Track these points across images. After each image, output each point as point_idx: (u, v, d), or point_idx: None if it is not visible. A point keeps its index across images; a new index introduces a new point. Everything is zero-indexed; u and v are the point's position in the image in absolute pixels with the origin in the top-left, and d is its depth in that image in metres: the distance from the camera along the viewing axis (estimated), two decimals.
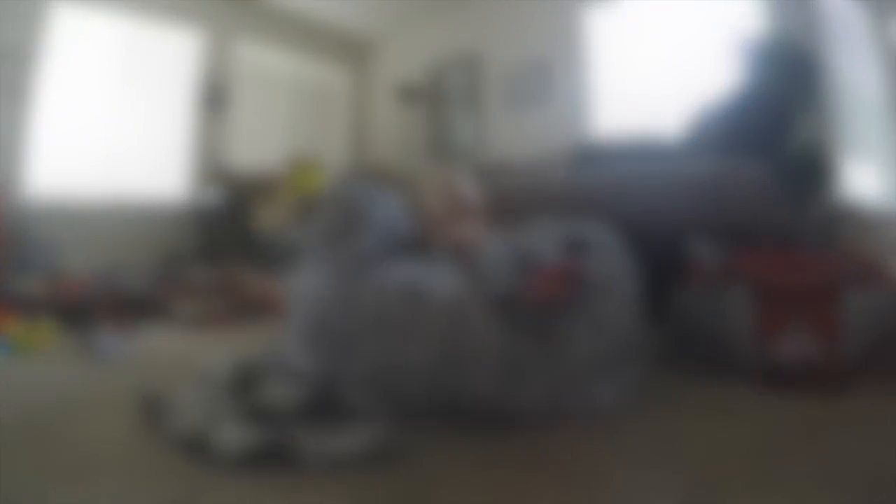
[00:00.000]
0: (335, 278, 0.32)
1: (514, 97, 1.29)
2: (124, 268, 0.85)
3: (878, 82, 0.65)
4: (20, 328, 0.51)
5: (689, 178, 0.47)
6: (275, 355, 0.33)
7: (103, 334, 0.51)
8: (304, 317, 0.32)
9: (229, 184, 1.22)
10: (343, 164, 1.57)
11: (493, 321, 0.30)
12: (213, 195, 1.20)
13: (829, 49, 0.63)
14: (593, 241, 0.33)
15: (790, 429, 0.29)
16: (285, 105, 1.50)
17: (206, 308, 0.67)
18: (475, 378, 0.29)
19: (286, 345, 0.33)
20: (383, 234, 0.34)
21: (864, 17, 0.64)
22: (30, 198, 0.99)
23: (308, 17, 1.49)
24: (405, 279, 0.31)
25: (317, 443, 0.25)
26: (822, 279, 0.38)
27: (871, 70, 0.64)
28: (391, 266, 0.32)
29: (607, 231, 0.34)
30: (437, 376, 0.29)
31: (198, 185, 1.25)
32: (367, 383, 0.29)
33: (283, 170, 1.23)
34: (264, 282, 0.74)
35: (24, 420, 0.30)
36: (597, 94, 1.15)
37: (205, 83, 1.31)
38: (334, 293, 0.31)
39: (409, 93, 1.49)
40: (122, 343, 0.50)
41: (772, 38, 0.64)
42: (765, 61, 0.59)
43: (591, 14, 1.16)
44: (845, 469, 0.24)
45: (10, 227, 0.87)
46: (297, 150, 1.37)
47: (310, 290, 0.33)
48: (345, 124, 1.64)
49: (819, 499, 0.21)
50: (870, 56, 0.64)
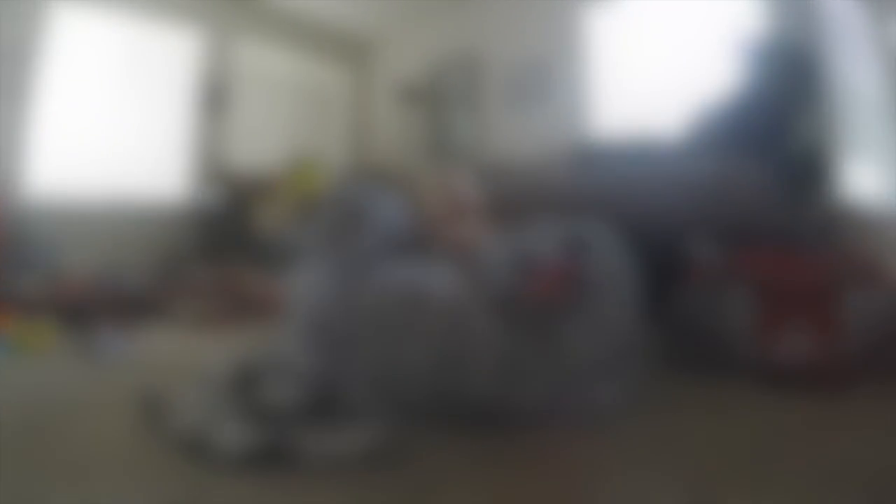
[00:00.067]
0: (335, 278, 0.32)
1: (513, 97, 1.29)
2: (124, 268, 0.85)
3: (878, 82, 0.65)
4: (20, 328, 0.51)
5: (689, 178, 0.47)
6: (275, 355, 0.33)
7: (103, 334, 0.51)
8: (305, 317, 0.32)
9: (229, 184, 1.22)
10: (343, 165, 1.57)
11: (493, 321, 0.30)
12: (213, 195, 1.20)
13: (829, 49, 0.63)
14: (593, 242, 0.33)
15: (790, 429, 0.29)
16: (285, 105, 1.50)
17: (206, 308, 0.67)
18: (475, 378, 0.29)
19: (286, 345, 0.33)
20: (383, 234, 0.34)
21: (864, 17, 0.64)
22: (30, 198, 0.99)
23: (308, 16, 1.49)
24: (405, 279, 0.31)
25: (317, 443, 0.25)
26: (822, 279, 0.38)
27: (871, 70, 0.64)
28: (391, 266, 0.32)
29: (607, 231, 0.34)
30: (437, 376, 0.30)
31: (198, 186, 1.25)
32: (367, 383, 0.29)
33: (283, 170, 1.23)
34: (264, 282, 0.74)
35: (24, 420, 0.30)
36: (597, 94, 1.15)
37: (205, 83, 1.31)
38: (334, 293, 0.31)
39: (409, 93, 1.49)
40: (122, 343, 0.50)
41: (772, 38, 0.64)
42: (765, 61, 0.59)
43: (590, 14, 1.17)
44: (845, 469, 0.24)
45: (9, 227, 0.87)
46: (297, 151, 1.37)
47: (310, 290, 0.33)
48: (345, 124, 1.64)
49: (819, 499, 0.21)
50: (870, 56, 0.64)
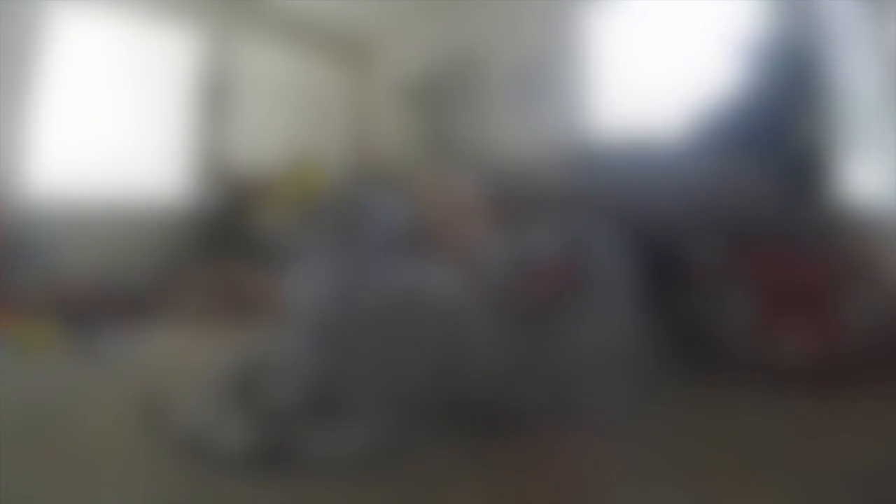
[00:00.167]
0: (335, 278, 0.32)
1: (514, 96, 1.29)
2: (124, 268, 0.85)
3: (878, 82, 0.65)
4: (19, 328, 0.51)
5: (689, 177, 0.47)
6: (275, 355, 0.33)
7: (103, 334, 0.51)
8: (305, 317, 0.32)
9: (229, 184, 1.23)
10: (343, 165, 1.57)
11: (493, 321, 0.30)
12: (214, 195, 1.21)
13: (830, 49, 0.62)
14: (593, 242, 0.33)
15: (790, 429, 0.29)
16: (285, 105, 1.51)
17: (206, 308, 0.67)
18: (475, 378, 0.29)
19: (286, 345, 0.33)
20: (384, 234, 0.34)
21: (864, 16, 0.64)
22: (29, 197, 0.99)
23: (308, 16, 1.50)
24: (405, 279, 0.31)
25: (317, 442, 0.25)
26: (822, 279, 0.38)
27: (872, 70, 0.64)
28: (391, 266, 0.32)
29: (607, 231, 0.34)
30: (437, 376, 0.30)
31: (198, 186, 1.26)
32: (367, 383, 0.29)
33: (283, 170, 1.23)
34: (264, 282, 0.74)
35: (24, 420, 0.30)
36: (597, 94, 1.16)
37: (205, 83, 1.31)
38: (335, 293, 0.32)
39: (411, 93, 1.50)
40: (122, 343, 0.50)
41: (771, 38, 0.64)
42: (765, 61, 0.59)
43: (591, 13, 1.17)
44: (845, 469, 0.24)
45: (9, 227, 0.88)
46: (297, 151, 1.37)
47: (310, 290, 0.33)
48: (345, 124, 1.64)
49: (819, 499, 0.21)
50: (870, 56, 0.64)
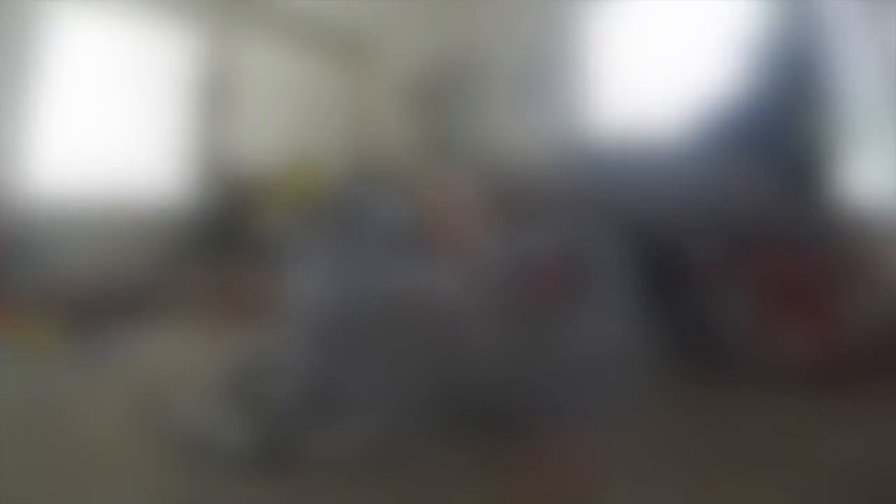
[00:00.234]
0: (335, 279, 0.32)
1: (514, 95, 1.30)
2: (124, 268, 0.85)
3: (878, 82, 0.65)
4: (20, 328, 0.51)
5: (690, 178, 0.47)
6: (275, 355, 0.33)
7: (103, 334, 0.51)
8: (305, 317, 0.32)
9: (229, 184, 1.23)
10: (343, 165, 1.57)
11: (493, 322, 0.30)
12: (214, 195, 1.21)
13: (830, 49, 0.63)
14: (593, 242, 0.33)
15: (790, 429, 0.29)
16: (286, 105, 1.51)
17: (206, 308, 0.67)
18: (476, 379, 0.29)
19: (286, 345, 0.33)
20: (384, 234, 0.34)
21: (864, 16, 0.65)
22: (28, 197, 0.99)
23: (309, 15, 1.50)
24: (405, 280, 0.31)
25: (317, 442, 0.25)
26: (823, 279, 0.38)
27: (872, 70, 0.64)
28: (392, 266, 0.32)
29: (607, 231, 0.34)
30: (437, 377, 0.30)
31: (198, 186, 1.26)
32: (367, 383, 0.29)
33: (283, 170, 1.24)
34: (264, 282, 0.74)
35: (23, 420, 0.30)
36: (597, 94, 1.16)
37: (205, 83, 1.31)
38: (334, 294, 0.32)
39: (409, 92, 1.50)
40: (122, 343, 0.50)
41: (772, 38, 0.64)
42: (765, 61, 0.59)
43: (591, 12, 1.17)
44: (845, 469, 0.24)
45: (8, 227, 0.88)
46: (298, 150, 1.37)
47: (310, 290, 0.33)
48: (345, 124, 1.65)
49: (819, 498, 0.21)
50: (870, 55, 0.64)
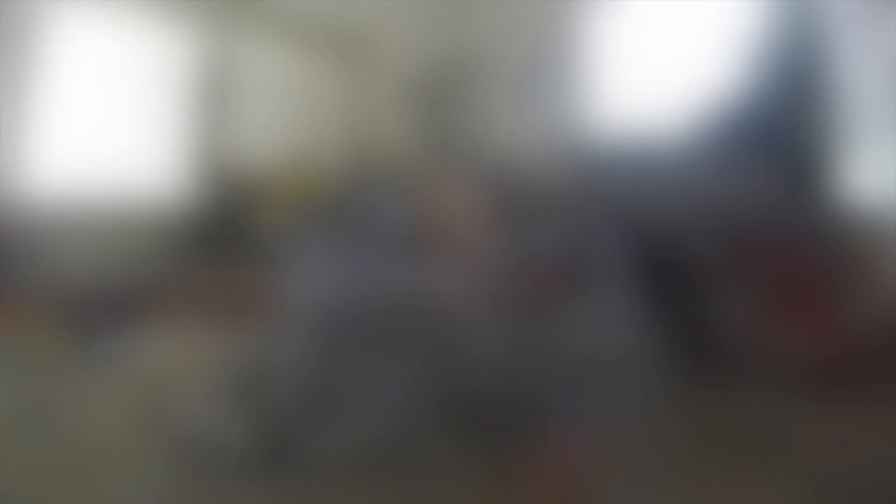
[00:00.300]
0: (336, 279, 0.32)
1: (514, 94, 1.29)
2: (125, 268, 0.85)
3: (879, 83, 0.65)
4: (19, 327, 0.51)
5: (691, 177, 0.47)
6: (275, 355, 0.33)
7: (103, 334, 0.51)
8: (305, 317, 0.32)
9: (230, 184, 1.23)
10: (343, 164, 1.57)
11: (494, 322, 0.30)
12: (214, 196, 1.21)
13: (831, 49, 0.63)
14: (595, 241, 0.33)
15: (790, 429, 0.29)
16: (285, 105, 1.51)
17: (206, 308, 0.67)
18: (476, 378, 0.29)
19: (287, 345, 0.33)
20: (384, 234, 0.34)
21: (865, 17, 0.64)
22: (28, 197, 0.99)
23: (308, 15, 1.50)
24: (406, 279, 0.31)
25: (317, 442, 0.25)
26: (824, 278, 0.38)
27: (873, 70, 0.64)
28: (392, 267, 0.32)
29: (609, 230, 0.34)
30: (438, 377, 0.30)
31: (198, 186, 1.25)
32: (368, 383, 0.29)
33: (283, 170, 1.23)
34: (265, 282, 0.74)
35: (23, 419, 0.30)
36: (598, 92, 1.16)
37: (205, 83, 1.31)
38: (335, 294, 0.32)
39: (409, 90, 1.50)
40: (122, 343, 0.50)
41: (774, 38, 0.64)
42: (767, 61, 0.59)
43: (592, 11, 1.17)
44: (845, 468, 0.24)
45: (8, 227, 0.87)
46: (297, 150, 1.37)
47: (310, 290, 0.33)
48: (345, 123, 1.65)
49: (819, 498, 0.21)
50: (871, 56, 0.64)
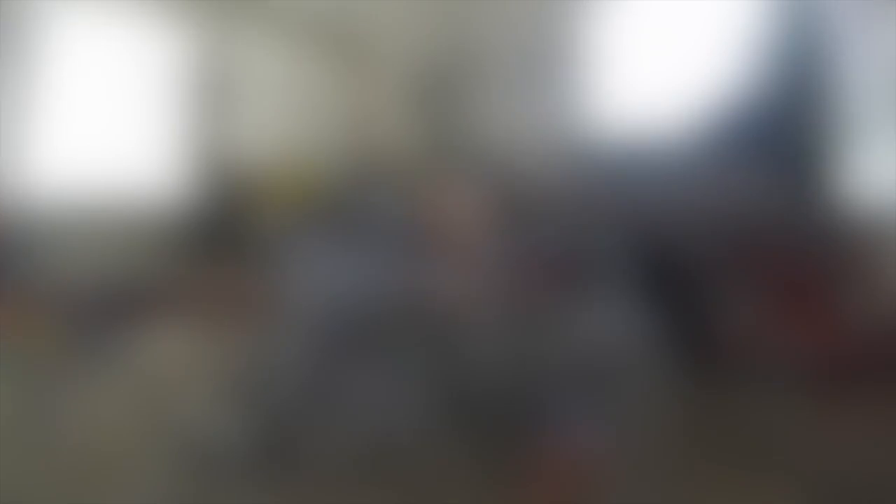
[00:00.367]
0: (335, 279, 0.32)
1: (514, 91, 1.29)
2: (124, 268, 0.85)
3: (882, 80, 0.64)
4: (18, 326, 0.51)
5: (692, 175, 0.47)
6: (275, 356, 0.33)
7: (102, 332, 0.51)
8: (305, 318, 0.32)
9: (228, 184, 1.22)
10: (343, 163, 1.57)
11: (494, 322, 0.30)
12: (213, 196, 1.20)
13: (834, 48, 0.62)
14: (596, 241, 0.33)
15: (790, 428, 0.29)
16: (284, 103, 1.50)
17: (206, 308, 0.67)
18: (478, 378, 0.29)
19: (286, 345, 0.33)
20: (383, 234, 0.34)
21: (867, 15, 0.64)
22: (26, 196, 0.99)
23: (307, 12, 1.49)
24: (407, 279, 0.31)
25: (319, 444, 0.25)
26: (825, 279, 0.38)
27: (875, 68, 0.64)
28: (392, 267, 0.32)
29: (609, 230, 0.34)
30: (438, 378, 0.30)
31: (198, 186, 1.25)
32: (368, 384, 0.29)
33: (282, 169, 1.23)
34: (264, 282, 0.74)
35: (22, 418, 0.30)
36: (600, 90, 1.15)
37: (203, 82, 1.30)
38: (335, 294, 0.32)
39: (409, 87, 1.49)
40: (121, 341, 0.50)
41: (774, 36, 0.64)
42: (767, 59, 0.58)
43: (594, 8, 1.16)
44: (845, 468, 0.24)
45: (5, 227, 0.87)
46: (296, 149, 1.37)
47: (310, 290, 0.33)
48: (344, 121, 1.64)
49: (819, 498, 0.21)
50: (873, 54, 0.63)
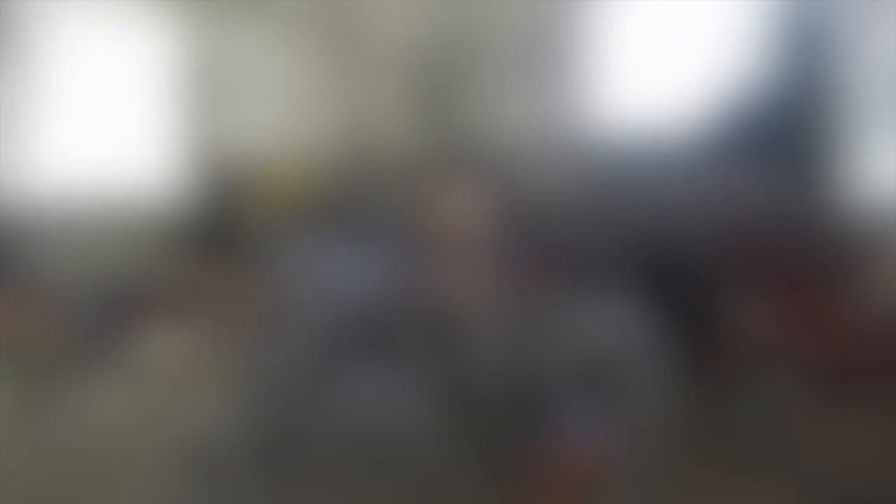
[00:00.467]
0: (335, 277, 0.32)
1: (515, 79, 1.29)
2: (122, 266, 0.85)
3: (883, 80, 0.63)
4: (16, 325, 0.51)
5: (692, 175, 0.47)
6: (273, 354, 0.33)
7: (101, 332, 0.51)
8: (304, 317, 0.32)
9: (225, 181, 1.22)
10: (341, 160, 1.57)
11: (497, 324, 0.30)
12: (211, 193, 1.20)
13: (835, 47, 0.62)
14: (598, 242, 0.33)
15: (791, 428, 0.29)
16: (283, 99, 1.50)
17: (205, 308, 0.67)
18: (479, 379, 0.29)
19: (285, 344, 0.33)
20: (383, 233, 0.34)
21: (871, 14, 0.63)
22: (23, 196, 0.99)
23: (305, 6, 1.49)
24: (406, 280, 0.31)
25: (317, 444, 0.25)
26: (828, 277, 0.38)
27: (877, 68, 0.63)
28: (393, 268, 0.32)
29: (612, 230, 0.34)
30: (441, 380, 0.30)
31: (197, 184, 1.25)
32: (367, 384, 0.29)
33: (278, 167, 1.23)
34: (263, 282, 0.74)
35: (22, 416, 0.30)
36: (601, 88, 1.15)
37: (199, 78, 1.30)
38: (333, 293, 0.31)
39: (407, 80, 1.49)
40: (121, 343, 0.50)
41: (781, 31, 0.63)
42: (783, 47, 0.57)
43: (595, 3, 1.15)
44: (845, 467, 0.24)
45: (5, 226, 0.87)
46: (295, 146, 1.36)
47: (309, 290, 0.33)
48: (340, 114, 1.64)
49: (819, 497, 0.21)
50: (875, 54, 0.63)
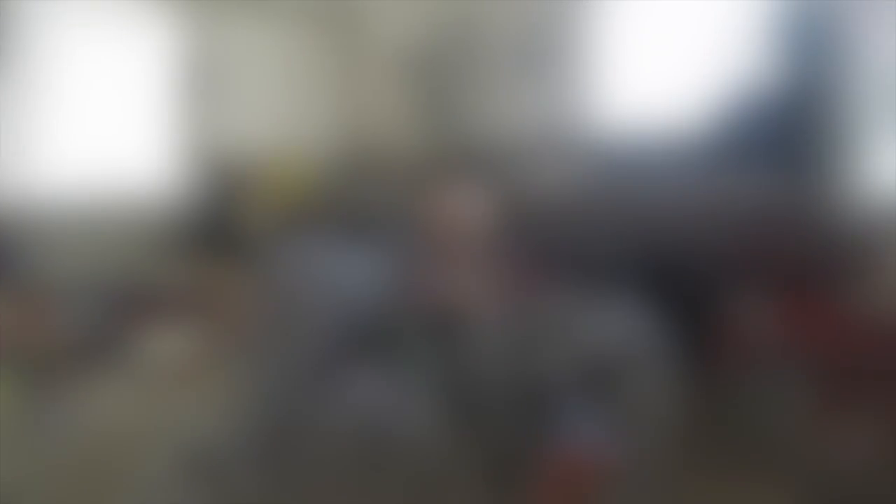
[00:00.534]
0: (334, 278, 0.32)
1: (516, 74, 1.28)
2: (121, 266, 0.85)
3: (884, 80, 0.63)
4: (14, 324, 0.51)
5: (693, 175, 0.46)
6: (274, 357, 0.33)
7: (99, 332, 0.51)
8: (304, 319, 0.32)
9: (222, 180, 1.22)
10: (340, 158, 1.56)
11: (498, 324, 0.30)
12: (208, 192, 1.20)
13: (836, 47, 0.61)
14: (600, 242, 0.33)
15: (793, 429, 0.29)
16: (283, 98, 1.50)
17: (205, 308, 0.67)
18: (482, 381, 0.29)
19: (286, 346, 0.33)
20: (382, 232, 0.34)
21: (874, 6, 0.63)
22: (23, 197, 0.99)
23: (303, 3, 1.48)
24: (406, 279, 0.31)
25: (322, 445, 0.25)
26: (829, 277, 0.37)
27: (879, 68, 0.63)
28: (393, 269, 0.32)
29: (612, 230, 0.34)
30: (443, 381, 0.29)
31: (195, 182, 1.25)
32: (366, 384, 0.29)
33: (278, 166, 1.23)
34: (257, 283, 0.74)
35: (21, 416, 0.30)
36: (602, 86, 1.14)
37: (195, 73, 1.30)
38: (334, 293, 0.31)
39: (405, 73, 1.48)
40: (120, 342, 0.49)
41: (798, 19, 0.62)
42: (788, 45, 0.57)
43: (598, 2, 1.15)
44: (847, 468, 0.24)
45: (4, 226, 0.87)
46: (288, 141, 1.36)
47: (310, 289, 0.33)
48: (338, 109, 1.63)
49: (821, 498, 0.21)
50: (877, 54, 0.62)
